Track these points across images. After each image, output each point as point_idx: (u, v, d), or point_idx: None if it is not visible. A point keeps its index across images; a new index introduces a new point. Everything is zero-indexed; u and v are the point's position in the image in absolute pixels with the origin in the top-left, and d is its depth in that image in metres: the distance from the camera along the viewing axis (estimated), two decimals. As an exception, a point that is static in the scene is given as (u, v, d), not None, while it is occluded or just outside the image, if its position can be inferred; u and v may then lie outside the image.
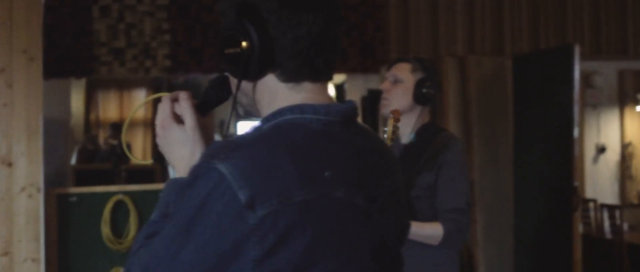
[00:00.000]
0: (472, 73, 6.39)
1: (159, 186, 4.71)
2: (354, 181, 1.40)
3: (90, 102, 11.06)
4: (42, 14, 4.41)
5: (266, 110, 1.45)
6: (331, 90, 11.15)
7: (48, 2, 5.29)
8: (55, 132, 5.99)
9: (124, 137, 1.83)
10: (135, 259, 1.37)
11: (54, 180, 5.75)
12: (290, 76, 1.42)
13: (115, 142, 9.27)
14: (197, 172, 1.31)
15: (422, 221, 3.00)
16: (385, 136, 2.98)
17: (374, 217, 1.42)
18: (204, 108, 1.59)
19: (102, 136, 10.69)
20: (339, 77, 8.37)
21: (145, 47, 6.07)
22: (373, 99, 3.11)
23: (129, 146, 10.22)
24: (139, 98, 11.37)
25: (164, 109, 1.53)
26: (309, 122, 1.39)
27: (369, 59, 6.45)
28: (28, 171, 4.35)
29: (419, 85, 3.13)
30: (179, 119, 1.53)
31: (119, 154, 6.69)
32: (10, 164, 4.31)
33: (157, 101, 1.59)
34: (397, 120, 3.01)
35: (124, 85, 11.18)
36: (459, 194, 3.03)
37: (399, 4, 6.70)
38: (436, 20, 6.79)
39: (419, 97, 3.13)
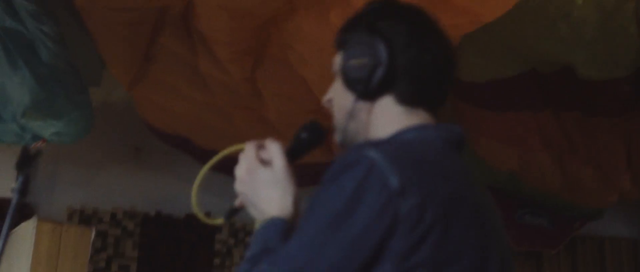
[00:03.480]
0: None
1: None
2: (477, 196, 1.39)
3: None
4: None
5: (378, 133, 1.45)
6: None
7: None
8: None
9: (194, 195, 1.62)
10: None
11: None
12: (407, 99, 1.45)
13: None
14: (346, 161, 1.27)
15: None
16: None
17: (498, 231, 1.41)
18: (294, 153, 1.52)
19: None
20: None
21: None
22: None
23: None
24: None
25: (247, 156, 1.47)
26: (432, 139, 1.42)
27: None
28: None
29: None
30: (265, 164, 1.46)
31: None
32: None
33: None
34: None
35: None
36: None
37: None
38: None
39: None
